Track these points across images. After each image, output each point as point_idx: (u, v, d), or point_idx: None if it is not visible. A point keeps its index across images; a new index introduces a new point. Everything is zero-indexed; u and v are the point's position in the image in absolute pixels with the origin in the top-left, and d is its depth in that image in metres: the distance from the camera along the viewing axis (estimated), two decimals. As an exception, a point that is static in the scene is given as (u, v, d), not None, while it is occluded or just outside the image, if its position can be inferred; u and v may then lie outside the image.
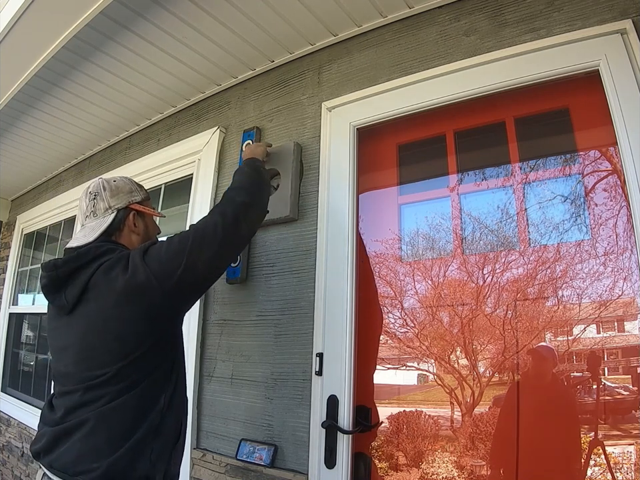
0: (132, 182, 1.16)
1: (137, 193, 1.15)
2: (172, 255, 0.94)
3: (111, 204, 1.09)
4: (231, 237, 1.02)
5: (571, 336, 1.14)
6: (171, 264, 0.93)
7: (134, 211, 1.12)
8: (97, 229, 1.06)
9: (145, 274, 0.91)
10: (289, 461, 1.39)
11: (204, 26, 1.59)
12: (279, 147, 1.69)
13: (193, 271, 0.95)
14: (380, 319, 1.43)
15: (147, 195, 1.19)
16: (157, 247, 0.98)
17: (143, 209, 1.15)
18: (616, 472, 1.03)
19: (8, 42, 1.60)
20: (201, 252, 0.96)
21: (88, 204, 1.09)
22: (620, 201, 1.13)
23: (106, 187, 1.10)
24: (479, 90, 1.31)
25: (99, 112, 2.22)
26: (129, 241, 1.11)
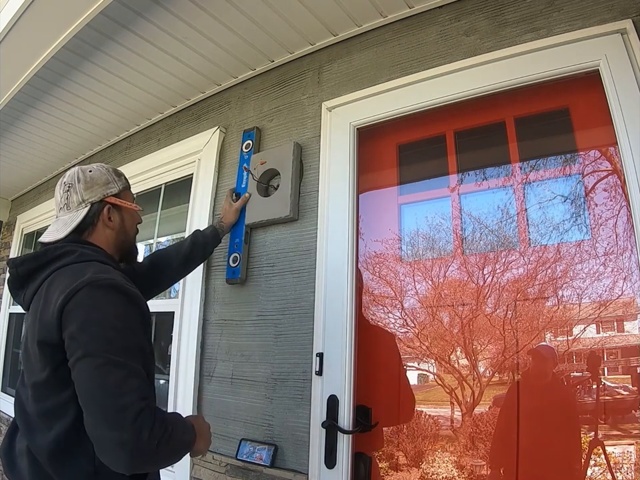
0: (109, 171, 1.08)
1: (114, 184, 1.07)
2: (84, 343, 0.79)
3: (85, 197, 1.02)
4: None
5: (570, 336, 1.14)
6: (76, 342, 0.79)
7: (109, 204, 1.05)
8: (69, 223, 1.00)
9: (55, 324, 0.81)
10: (289, 460, 1.39)
11: (204, 26, 1.59)
12: (278, 147, 1.69)
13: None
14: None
15: (125, 184, 1.11)
16: (91, 307, 0.82)
17: (120, 203, 1.07)
18: (616, 472, 1.03)
19: (8, 42, 1.60)
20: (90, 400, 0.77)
21: (62, 195, 1.03)
22: (620, 200, 1.13)
23: (80, 178, 1.03)
24: (479, 90, 1.31)
25: (99, 112, 2.22)
26: (103, 236, 1.04)
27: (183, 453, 0.87)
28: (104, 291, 0.84)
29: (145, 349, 0.87)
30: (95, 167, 1.07)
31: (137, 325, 0.86)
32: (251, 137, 1.79)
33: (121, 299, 0.85)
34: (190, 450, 0.90)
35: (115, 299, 0.84)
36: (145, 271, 1.37)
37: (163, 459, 0.81)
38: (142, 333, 0.88)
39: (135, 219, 1.15)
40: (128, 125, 2.40)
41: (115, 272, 0.93)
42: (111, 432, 0.74)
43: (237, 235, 1.68)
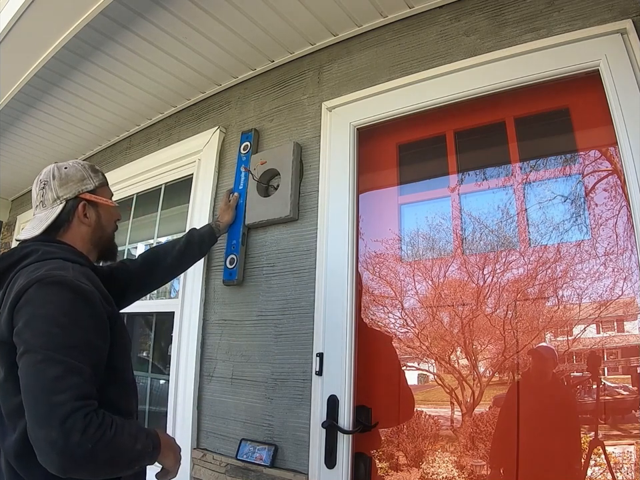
0: (85, 168, 1.07)
1: (90, 180, 1.06)
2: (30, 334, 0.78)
3: (59, 194, 1.01)
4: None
5: (570, 336, 1.14)
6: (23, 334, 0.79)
7: (84, 200, 1.04)
8: (44, 221, 0.99)
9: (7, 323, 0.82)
10: (289, 460, 1.39)
11: (204, 26, 1.59)
12: (279, 147, 1.69)
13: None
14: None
15: (102, 180, 1.10)
16: (37, 303, 0.81)
17: (95, 199, 1.06)
18: (616, 472, 1.03)
19: (8, 42, 1.60)
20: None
21: (37, 193, 1.03)
22: (620, 200, 1.13)
23: (55, 175, 1.03)
24: (479, 90, 1.31)
25: (99, 112, 2.22)
26: (79, 233, 1.03)
27: (134, 462, 0.82)
28: (53, 287, 0.82)
29: (95, 345, 0.84)
30: (70, 164, 1.07)
31: (86, 321, 0.84)
32: (249, 139, 1.78)
33: (71, 295, 0.83)
34: (145, 460, 0.85)
35: (63, 296, 0.82)
36: (137, 267, 1.37)
37: (102, 464, 0.76)
38: (92, 330, 0.84)
39: (113, 215, 1.13)
40: (128, 125, 2.40)
41: (76, 269, 0.90)
42: (41, 430, 0.72)
43: (234, 237, 1.68)
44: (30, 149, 2.67)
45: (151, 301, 2.30)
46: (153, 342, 2.20)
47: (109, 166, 2.58)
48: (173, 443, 0.97)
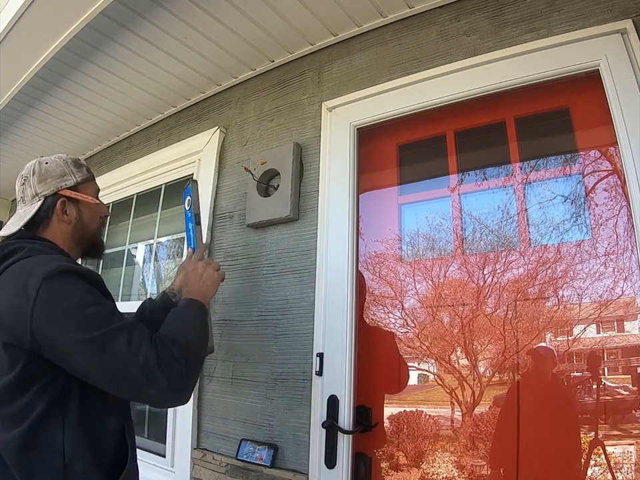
0: (67, 163, 1.05)
1: (71, 176, 1.03)
2: (71, 332, 0.78)
3: (38, 190, 0.99)
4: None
5: (571, 336, 1.14)
6: (60, 336, 0.79)
7: (63, 197, 1.00)
8: (23, 217, 0.97)
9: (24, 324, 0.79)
10: (289, 460, 1.39)
11: (204, 26, 1.59)
12: (279, 147, 1.69)
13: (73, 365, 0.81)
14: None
15: (86, 175, 1.06)
16: (59, 299, 0.81)
17: (75, 196, 1.02)
18: (616, 472, 1.03)
19: (8, 42, 1.60)
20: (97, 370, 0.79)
21: (19, 188, 1.02)
22: (620, 200, 1.13)
23: (35, 170, 1.01)
24: (479, 90, 1.31)
25: (100, 112, 2.22)
26: (58, 231, 1.00)
27: (203, 333, 0.95)
28: (60, 278, 0.82)
29: (117, 310, 0.89)
30: (52, 158, 1.05)
31: (99, 294, 0.88)
32: (189, 193, 1.38)
33: (78, 279, 0.85)
34: (202, 317, 0.97)
35: (72, 282, 0.84)
36: None
37: (196, 361, 0.89)
38: (107, 299, 0.90)
39: (96, 212, 1.08)
40: (128, 125, 2.40)
41: (64, 259, 0.92)
42: (151, 389, 0.78)
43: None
44: (30, 149, 2.67)
45: (151, 301, 2.30)
46: None
47: (109, 166, 2.58)
48: (200, 281, 1.09)
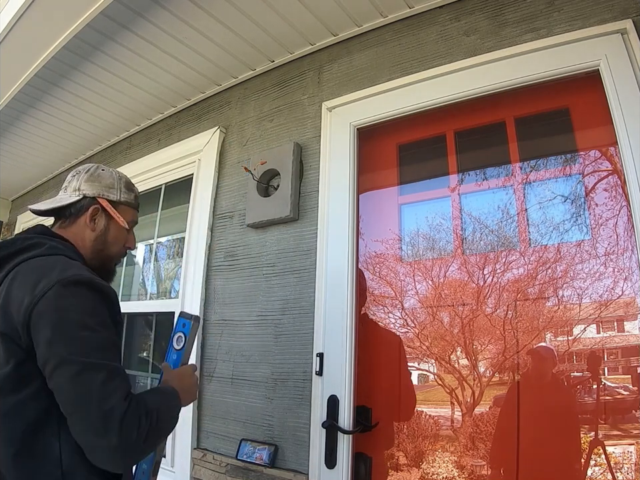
0: (120, 180, 1.06)
1: (117, 192, 1.03)
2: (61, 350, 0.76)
3: (81, 187, 1.00)
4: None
5: (571, 336, 1.14)
6: (52, 352, 0.76)
7: (99, 205, 1.01)
8: (56, 202, 0.99)
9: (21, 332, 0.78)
10: (289, 460, 1.39)
11: (204, 26, 1.59)
12: (279, 147, 1.69)
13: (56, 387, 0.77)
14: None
15: (131, 201, 1.06)
16: (63, 307, 0.79)
17: (110, 211, 1.01)
18: (616, 472, 1.03)
19: (8, 42, 1.60)
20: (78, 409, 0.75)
21: (67, 179, 1.04)
22: (620, 200, 1.13)
23: (90, 170, 1.03)
24: (479, 90, 1.31)
25: (100, 112, 2.22)
26: (81, 233, 0.99)
27: (174, 423, 0.89)
28: (72, 288, 0.80)
29: (118, 344, 0.85)
30: (110, 170, 1.07)
31: (107, 318, 0.83)
32: (182, 330, 1.10)
33: (91, 294, 0.82)
34: (177, 416, 0.90)
35: (84, 296, 0.81)
36: None
37: (154, 443, 0.82)
38: (114, 329, 0.85)
39: (123, 238, 1.06)
40: (128, 125, 2.40)
41: (82, 268, 0.88)
42: (100, 439, 0.72)
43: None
44: (30, 149, 2.67)
45: (151, 301, 2.30)
46: (153, 342, 2.20)
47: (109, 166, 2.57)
48: (186, 383, 0.99)
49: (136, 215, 1.09)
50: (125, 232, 1.05)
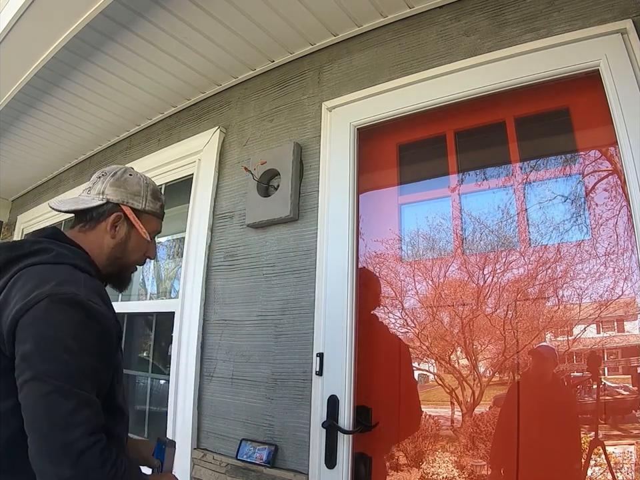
0: (148, 187, 1.02)
1: (142, 200, 0.99)
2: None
3: (106, 191, 0.96)
4: None
5: (571, 336, 1.14)
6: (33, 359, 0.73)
7: (121, 212, 0.96)
8: (76, 204, 0.95)
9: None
10: (289, 460, 1.39)
11: (204, 26, 1.59)
12: (279, 147, 1.69)
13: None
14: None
15: (156, 211, 1.03)
16: (50, 324, 0.75)
17: (133, 219, 0.97)
18: (616, 472, 1.03)
19: (8, 42, 1.60)
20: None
21: (92, 179, 1.00)
22: (620, 200, 1.13)
23: (117, 174, 0.99)
24: (479, 90, 1.31)
25: (100, 112, 2.22)
26: (100, 239, 0.95)
27: None
28: (63, 306, 0.76)
29: (101, 372, 0.79)
30: (138, 175, 1.03)
31: (94, 344, 0.78)
32: (160, 455, 1.02)
33: (80, 316, 0.77)
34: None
35: (73, 316, 0.77)
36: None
37: None
38: (100, 355, 0.79)
39: (143, 247, 1.02)
40: (128, 125, 2.40)
41: (87, 283, 0.84)
42: (52, 466, 0.68)
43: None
44: (30, 149, 2.67)
45: (151, 300, 2.30)
46: (153, 342, 2.20)
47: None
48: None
49: (160, 225, 1.05)
50: (145, 241, 1.01)
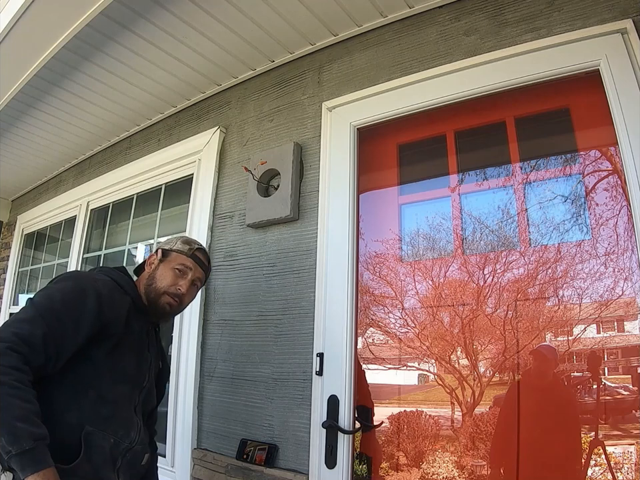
0: (181, 238, 1.27)
1: (172, 244, 1.25)
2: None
3: (161, 246, 1.27)
4: None
5: (571, 336, 1.14)
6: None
7: (155, 254, 1.24)
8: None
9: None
10: (289, 460, 1.39)
11: (204, 26, 1.59)
12: (279, 147, 1.69)
13: None
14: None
15: (183, 250, 1.23)
16: (60, 286, 1.04)
17: (160, 254, 1.22)
18: (616, 472, 1.03)
19: (8, 42, 1.60)
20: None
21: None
22: (620, 200, 1.13)
23: (179, 239, 1.28)
24: (479, 90, 1.31)
25: (99, 112, 2.22)
26: (144, 274, 1.22)
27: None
28: (81, 283, 1.04)
29: (66, 336, 0.95)
30: (185, 237, 1.32)
31: (82, 314, 0.99)
32: None
33: (90, 295, 1.01)
34: (9, 448, 0.79)
35: (83, 294, 1.01)
36: None
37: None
38: (73, 321, 0.97)
39: (169, 277, 1.19)
40: (128, 125, 2.40)
41: (107, 281, 1.11)
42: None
43: None
44: (30, 149, 2.68)
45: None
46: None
47: (109, 166, 2.58)
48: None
49: (188, 262, 1.22)
50: (172, 273, 1.20)
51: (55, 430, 0.88)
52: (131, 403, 1.10)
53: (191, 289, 1.22)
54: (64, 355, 0.95)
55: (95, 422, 0.99)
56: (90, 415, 0.99)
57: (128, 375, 1.09)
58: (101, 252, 2.56)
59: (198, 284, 1.25)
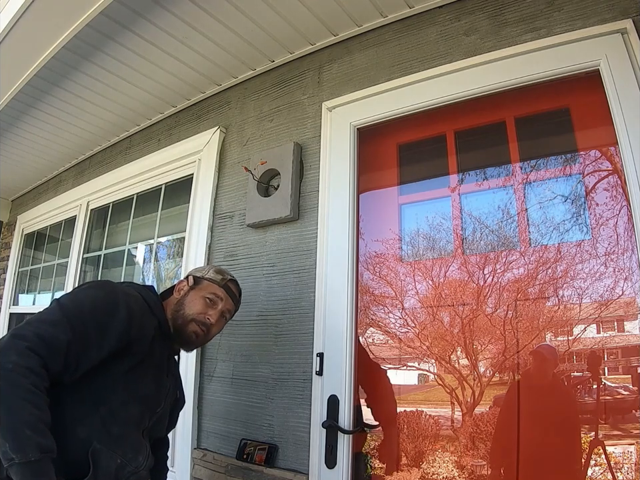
0: (214, 268, 1.26)
1: (204, 272, 1.23)
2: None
3: (192, 273, 1.25)
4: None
5: (571, 336, 1.14)
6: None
7: (186, 280, 1.21)
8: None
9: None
10: (289, 460, 1.39)
11: (204, 26, 1.59)
12: (279, 147, 1.69)
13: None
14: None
15: (214, 279, 1.20)
16: (91, 292, 1.01)
17: (191, 281, 1.19)
18: (616, 472, 1.03)
19: (8, 42, 1.60)
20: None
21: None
22: (620, 200, 1.13)
23: (202, 267, 1.30)
24: (479, 90, 1.31)
25: (100, 112, 2.22)
26: (172, 299, 1.18)
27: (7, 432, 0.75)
28: (112, 293, 1.01)
29: (88, 343, 0.91)
30: (218, 267, 1.29)
31: (110, 327, 0.94)
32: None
33: (102, 294, 0.99)
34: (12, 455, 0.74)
35: (113, 303, 0.98)
36: None
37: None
38: (97, 329, 0.93)
39: (198, 305, 1.15)
40: (128, 125, 2.40)
41: (138, 299, 1.06)
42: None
43: None
44: (30, 149, 2.68)
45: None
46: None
47: (109, 166, 2.58)
48: None
49: (219, 291, 1.19)
50: (202, 301, 1.16)
51: (62, 443, 0.83)
52: (140, 426, 1.04)
53: (219, 320, 1.17)
54: (84, 366, 0.90)
55: (103, 440, 0.93)
56: (100, 432, 0.93)
57: (143, 396, 1.03)
58: (101, 252, 2.56)
59: (227, 316, 1.20)
